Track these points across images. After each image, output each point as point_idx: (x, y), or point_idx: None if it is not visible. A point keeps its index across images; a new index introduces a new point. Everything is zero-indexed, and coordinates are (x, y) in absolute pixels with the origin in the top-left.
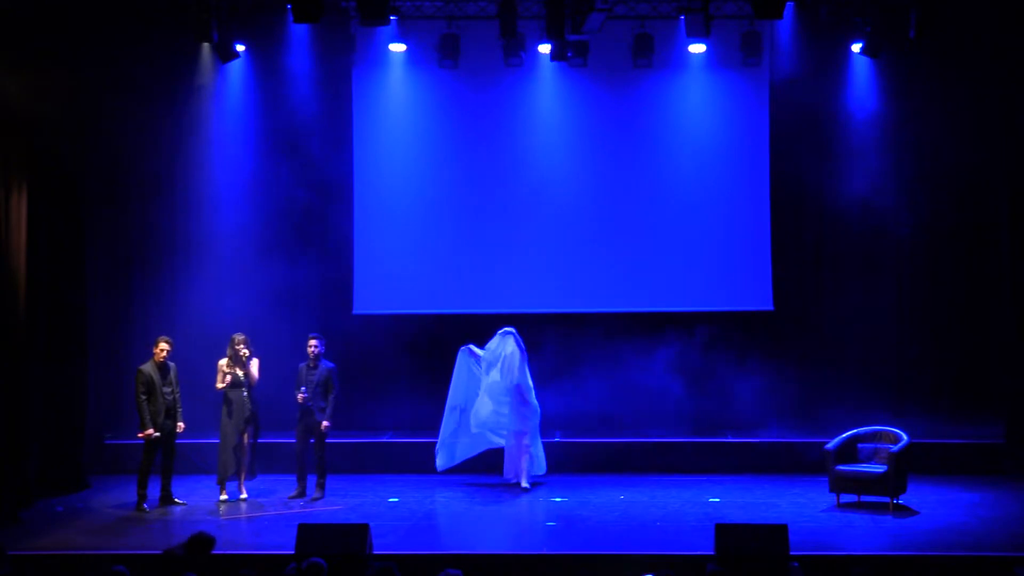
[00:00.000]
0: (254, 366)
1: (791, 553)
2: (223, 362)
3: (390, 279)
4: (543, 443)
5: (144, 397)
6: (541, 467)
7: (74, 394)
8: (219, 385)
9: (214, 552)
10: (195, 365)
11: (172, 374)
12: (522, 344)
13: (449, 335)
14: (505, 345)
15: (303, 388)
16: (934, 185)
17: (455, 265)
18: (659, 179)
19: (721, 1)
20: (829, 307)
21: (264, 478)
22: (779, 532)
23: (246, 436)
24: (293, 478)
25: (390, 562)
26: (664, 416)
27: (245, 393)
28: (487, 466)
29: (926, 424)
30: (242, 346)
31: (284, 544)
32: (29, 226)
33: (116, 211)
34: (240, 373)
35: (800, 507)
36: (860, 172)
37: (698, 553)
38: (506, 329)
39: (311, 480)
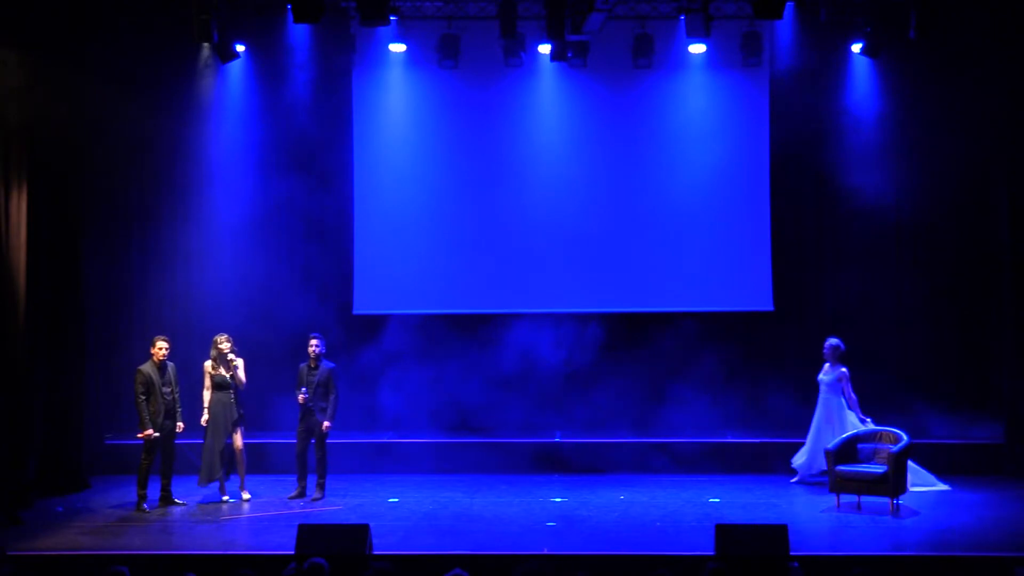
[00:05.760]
0: (240, 368)
1: (791, 553)
2: (208, 364)
3: (390, 279)
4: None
5: (143, 397)
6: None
7: (74, 394)
8: (206, 387)
9: (213, 552)
10: (195, 366)
11: (171, 374)
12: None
13: (449, 335)
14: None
15: (303, 388)
16: (934, 186)
17: (455, 265)
18: (659, 179)
19: (721, 1)
20: (829, 307)
21: (264, 478)
22: (779, 532)
23: (237, 437)
24: (293, 478)
25: (390, 562)
26: (664, 416)
27: (232, 395)
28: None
29: (926, 424)
30: (226, 347)
31: (284, 544)
32: (29, 226)
33: (116, 211)
34: (225, 374)
35: (800, 507)
36: (860, 172)
37: (698, 553)
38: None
39: (311, 480)
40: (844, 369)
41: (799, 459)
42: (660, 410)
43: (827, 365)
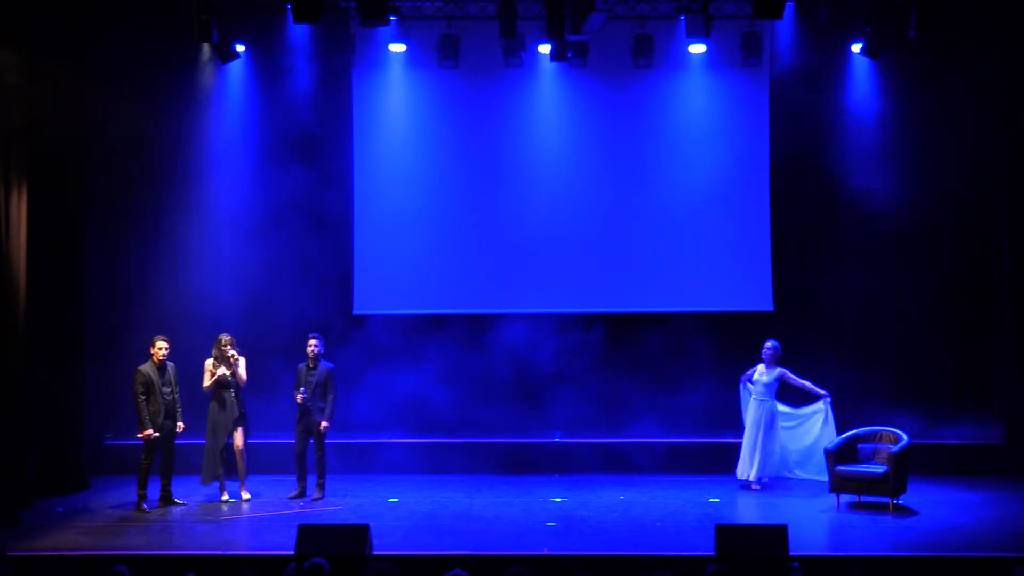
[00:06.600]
0: (242, 366)
1: (791, 553)
2: (209, 362)
3: (390, 279)
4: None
5: (143, 397)
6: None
7: (74, 394)
8: (205, 385)
9: (213, 552)
10: (196, 365)
11: (171, 374)
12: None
13: (449, 335)
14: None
15: (302, 388)
16: (934, 186)
17: (455, 265)
18: (659, 180)
19: (721, 1)
20: (829, 308)
21: (264, 478)
22: (779, 532)
23: (237, 436)
24: (293, 478)
25: (390, 562)
26: (664, 416)
27: (233, 394)
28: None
29: (926, 424)
30: (228, 346)
31: (284, 544)
32: (29, 226)
33: (115, 211)
34: (227, 373)
35: (800, 507)
36: (860, 172)
37: (698, 553)
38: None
39: (311, 480)
40: (782, 368)
41: (743, 468)
42: (660, 410)
43: (762, 366)
